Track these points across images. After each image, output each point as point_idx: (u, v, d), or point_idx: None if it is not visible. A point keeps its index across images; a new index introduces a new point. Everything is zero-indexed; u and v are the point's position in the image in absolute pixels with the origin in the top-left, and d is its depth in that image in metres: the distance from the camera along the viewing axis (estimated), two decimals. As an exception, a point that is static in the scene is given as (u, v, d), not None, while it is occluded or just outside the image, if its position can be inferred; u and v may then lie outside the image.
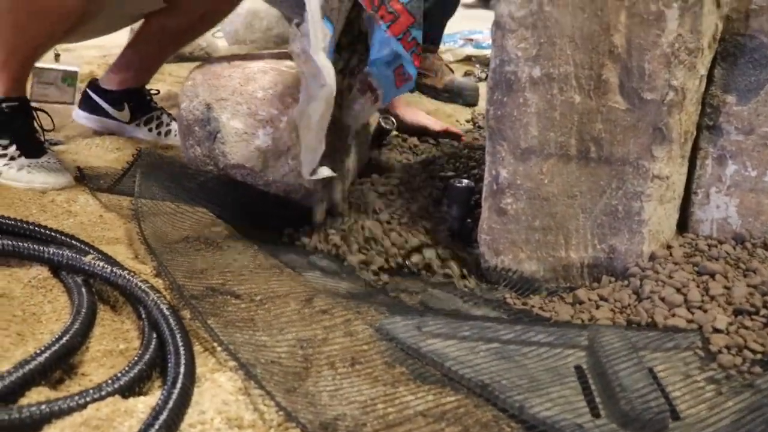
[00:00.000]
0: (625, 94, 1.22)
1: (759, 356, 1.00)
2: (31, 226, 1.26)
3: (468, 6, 6.36)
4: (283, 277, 1.23)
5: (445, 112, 2.60)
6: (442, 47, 3.56)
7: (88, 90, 2.14)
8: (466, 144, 2.06)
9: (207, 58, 2.44)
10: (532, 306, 1.25)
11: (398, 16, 1.36)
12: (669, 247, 1.31)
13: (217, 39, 3.78)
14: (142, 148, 1.67)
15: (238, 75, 1.56)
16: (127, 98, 2.12)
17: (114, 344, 1.05)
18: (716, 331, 1.06)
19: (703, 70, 1.25)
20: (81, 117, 2.15)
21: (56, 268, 1.20)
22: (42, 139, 1.78)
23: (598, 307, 1.20)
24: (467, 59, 3.63)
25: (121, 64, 2.12)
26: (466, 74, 3.24)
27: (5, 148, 1.68)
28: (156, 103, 2.18)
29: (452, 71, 2.94)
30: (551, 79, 1.24)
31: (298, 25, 1.29)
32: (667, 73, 1.19)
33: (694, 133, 1.32)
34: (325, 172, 1.37)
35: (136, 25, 2.20)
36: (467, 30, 3.98)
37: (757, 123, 1.30)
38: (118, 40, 2.28)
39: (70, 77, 2.43)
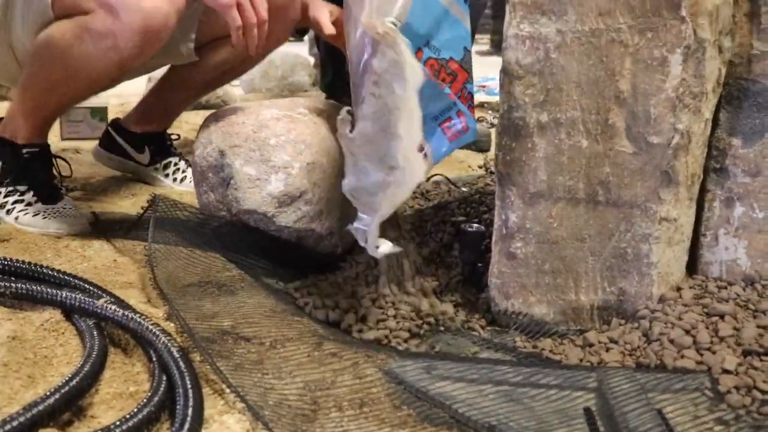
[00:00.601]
0: (632, 138, 1.23)
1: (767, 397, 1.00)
2: (44, 270, 1.28)
3: (481, 53, 6.43)
4: (293, 322, 1.23)
5: (458, 157, 2.62)
6: (454, 94, 3.59)
7: (110, 129, 2.18)
8: (477, 189, 2.07)
9: (222, 106, 2.48)
10: (542, 349, 1.25)
11: (456, 75, 1.38)
12: (679, 289, 1.31)
13: (233, 87, 3.84)
14: (157, 194, 1.69)
15: (252, 122, 1.58)
16: (148, 141, 2.16)
17: (124, 387, 1.06)
18: (725, 371, 1.06)
19: (708, 114, 1.26)
20: (101, 155, 2.19)
21: (69, 312, 1.21)
22: (59, 185, 1.81)
23: (608, 350, 1.20)
24: (480, 105, 3.67)
25: (145, 107, 2.16)
26: (479, 120, 3.27)
27: (22, 194, 1.71)
28: (176, 149, 2.21)
29: (464, 117, 2.96)
30: (559, 124, 1.26)
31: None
32: (673, 117, 1.21)
33: (701, 175, 1.32)
34: (388, 248, 1.24)
35: (156, 73, 2.25)
36: (480, 77, 4.02)
37: (764, 165, 1.31)
38: (136, 88, 2.33)
39: (100, 112, 2.47)
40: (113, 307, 1.17)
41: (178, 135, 2.28)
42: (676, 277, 1.33)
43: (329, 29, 1.75)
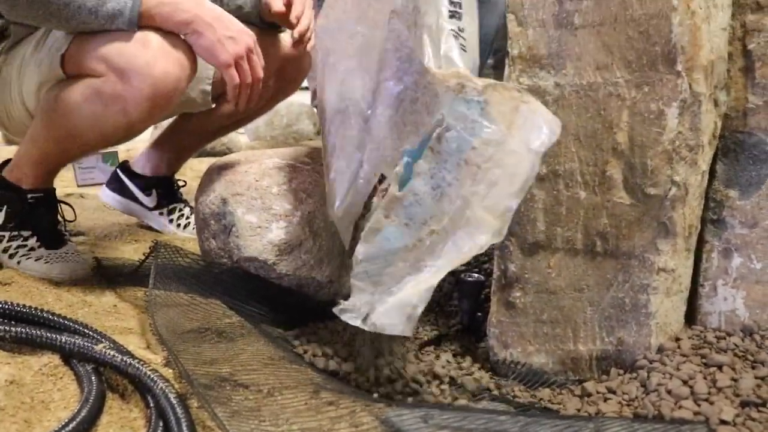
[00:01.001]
0: (629, 189, 1.25)
1: (765, 448, 1.00)
2: (44, 314, 1.29)
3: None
4: (292, 370, 1.24)
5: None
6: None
7: (118, 171, 2.20)
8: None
9: (227, 153, 2.50)
10: (541, 399, 1.25)
11: None
12: (677, 339, 1.31)
13: (239, 135, 3.88)
14: (159, 241, 1.70)
15: (254, 170, 1.60)
16: (156, 185, 2.18)
17: (121, 432, 1.06)
18: (723, 422, 1.06)
19: (704, 166, 1.28)
20: (108, 196, 2.21)
21: (67, 356, 1.21)
22: (63, 230, 1.83)
23: (605, 400, 1.21)
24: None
25: (155, 151, 2.19)
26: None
27: (26, 239, 1.72)
28: (182, 195, 2.23)
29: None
30: (557, 175, 1.28)
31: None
32: (669, 169, 1.22)
33: (699, 226, 1.33)
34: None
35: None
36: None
37: (761, 216, 1.32)
38: (144, 133, 2.35)
39: (111, 157, 2.50)
40: (112, 352, 1.17)
41: (185, 182, 2.30)
42: (674, 327, 1.33)
43: (278, 5, 1.78)
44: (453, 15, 1.23)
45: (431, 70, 1.13)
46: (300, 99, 4.34)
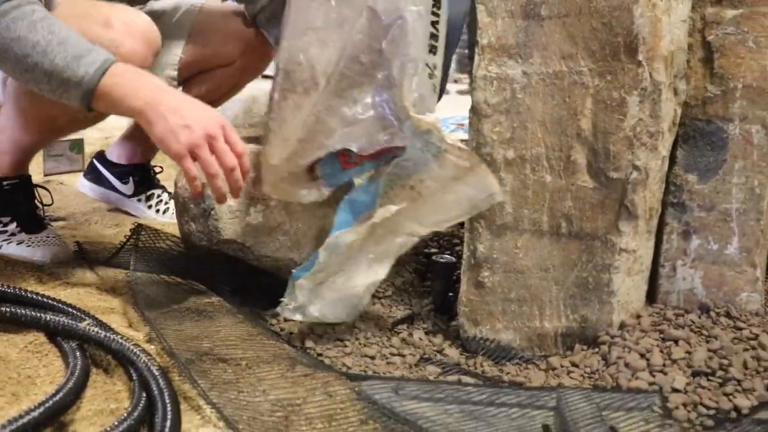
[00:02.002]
0: (593, 173, 1.31)
1: (712, 412, 1.06)
2: (29, 294, 1.33)
3: (461, 93, 6.53)
4: (268, 345, 1.29)
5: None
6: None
7: (95, 161, 2.23)
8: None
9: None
10: (508, 373, 1.31)
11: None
12: (638, 316, 1.37)
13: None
14: (140, 224, 1.74)
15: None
16: (132, 173, 2.21)
17: (105, 404, 1.10)
18: (675, 390, 1.13)
19: (664, 152, 1.34)
20: (85, 186, 2.24)
21: (52, 334, 1.26)
22: (42, 214, 1.86)
23: (569, 373, 1.27)
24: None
25: (130, 139, 2.22)
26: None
27: (5, 225, 1.75)
28: (159, 181, 2.27)
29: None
30: (524, 160, 1.33)
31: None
32: (631, 154, 1.28)
33: (659, 209, 1.40)
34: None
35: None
36: (460, 116, 4.10)
37: (717, 200, 1.39)
38: (119, 121, 2.38)
39: (77, 145, 2.52)
40: (95, 329, 1.22)
41: (161, 167, 2.33)
42: (635, 305, 1.39)
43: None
44: (431, 49, 1.35)
45: (409, 110, 1.31)
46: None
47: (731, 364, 1.19)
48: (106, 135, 3.25)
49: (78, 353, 1.18)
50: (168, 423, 0.97)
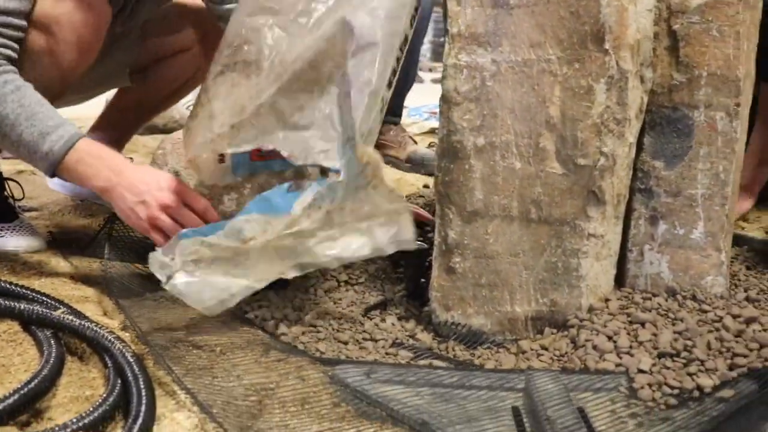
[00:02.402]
0: (561, 160, 1.33)
1: (676, 391, 1.09)
2: (3, 284, 1.33)
3: (435, 81, 6.55)
4: (242, 332, 1.30)
5: (408, 181, 2.71)
6: (408, 120, 3.70)
7: None
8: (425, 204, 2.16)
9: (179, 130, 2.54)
10: (479, 357, 1.33)
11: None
12: (606, 300, 1.40)
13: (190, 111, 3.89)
14: (113, 213, 1.75)
15: (205, 144, 1.65)
16: None
17: (80, 391, 1.11)
18: (640, 371, 1.15)
19: (631, 138, 1.36)
20: (56, 184, 2.23)
21: (26, 323, 1.26)
22: (13, 204, 1.86)
23: (538, 356, 1.29)
24: (431, 131, 3.78)
25: (98, 133, 2.21)
26: (430, 145, 3.36)
27: (-24, 215, 1.75)
28: (131, 173, 2.26)
29: (415, 142, 3.06)
30: (494, 147, 1.35)
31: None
32: (598, 141, 1.30)
33: (627, 195, 1.42)
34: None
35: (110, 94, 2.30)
36: (432, 104, 4.13)
37: (683, 186, 1.42)
38: (94, 111, 2.38)
39: None
40: (70, 317, 1.23)
41: (132, 158, 2.33)
42: (604, 289, 1.42)
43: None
44: (389, 84, 1.37)
45: (357, 139, 1.30)
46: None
47: (695, 345, 1.21)
48: (80, 125, 3.24)
49: (53, 341, 1.19)
50: (143, 408, 0.98)
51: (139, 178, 1.44)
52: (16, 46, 1.49)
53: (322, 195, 1.31)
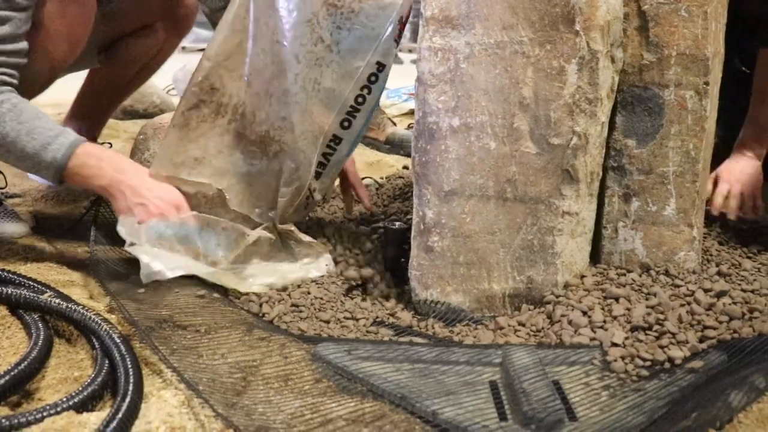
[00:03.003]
0: (535, 140, 1.36)
1: (648, 363, 1.13)
2: (-11, 269, 1.35)
3: (414, 62, 6.55)
4: (226, 312, 1.33)
5: (388, 162, 2.74)
6: (387, 102, 3.71)
7: None
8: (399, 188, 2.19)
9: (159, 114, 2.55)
10: (458, 333, 1.36)
11: None
12: (582, 276, 1.44)
13: (171, 96, 3.90)
14: (98, 197, 1.77)
15: (187, 128, 1.67)
16: None
17: (69, 372, 1.14)
18: (614, 345, 1.19)
19: (603, 118, 1.40)
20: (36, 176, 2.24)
21: (14, 307, 1.28)
22: (-6, 190, 1.88)
23: (516, 332, 1.33)
24: (411, 113, 3.80)
25: (73, 121, 2.23)
26: (409, 127, 3.39)
27: (-40, 202, 1.77)
28: (110, 156, 2.28)
29: (395, 124, 3.09)
30: (469, 128, 1.38)
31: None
32: (571, 120, 1.34)
33: (600, 173, 1.46)
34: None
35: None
36: (411, 85, 4.14)
37: (655, 164, 1.45)
38: (72, 97, 2.39)
39: None
40: (57, 300, 1.25)
41: (111, 143, 2.35)
42: (579, 266, 1.46)
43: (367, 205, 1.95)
44: (317, 175, 1.65)
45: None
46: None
47: (667, 318, 1.25)
48: (59, 111, 3.24)
49: (40, 324, 1.21)
50: (130, 386, 1.01)
51: (144, 184, 1.52)
52: (12, 71, 1.52)
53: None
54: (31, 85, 1.70)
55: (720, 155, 1.86)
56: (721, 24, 1.47)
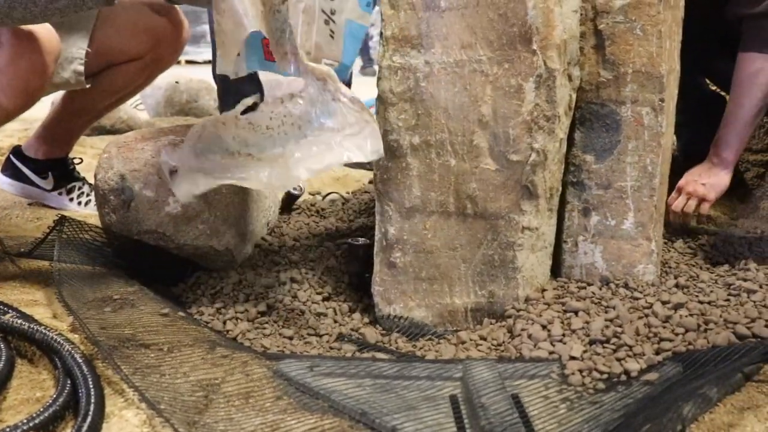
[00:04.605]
0: (495, 156, 1.38)
1: (605, 376, 1.15)
2: (-48, 290, 1.35)
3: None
4: (190, 330, 1.34)
5: (354, 177, 2.76)
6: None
7: (11, 157, 2.23)
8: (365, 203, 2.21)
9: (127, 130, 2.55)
10: (421, 348, 1.38)
11: None
12: (543, 290, 1.46)
13: (138, 111, 3.89)
14: (62, 215, 1.76)
15: (150, 148, 1.68)
16: (51, 167, 2.22)
17: (31, 393, 1.14)
18: (572, 358, 1.21)
19: (562, 134, 1.42)
20: (4, 183, 2.24)
21: (-24, 328, 1.28)
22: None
23: (477, 346, 1.35)
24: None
25: (46, 134, 2.22)
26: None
27: None
28: (79, 173, 2.28)
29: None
30: (429, 145, 1.40)
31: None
32: (529, 137, 1.36)
33: (560, 189, 1.48)
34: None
35: (57, 95, 2.31)
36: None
37: (613, 179, 1.48)
38: (39, 113, 2.38)
39: None
40: (19, 320, 1.25)
41: (81, 159, 2.34)
42: (540, 279, 1.48)
43: None
44: None
45: (303, 59, 1.35)
46: (200, 75, 4.37)
47: (624, 331, 1.28)
48: (25, 127, 3.23)
49: (2, 345, 1.21)
50: (92, 407, 1.01)
51: None
52: None
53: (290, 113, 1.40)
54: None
55: (680, 170, 1.89)
56: (676, 42, 1.51)
